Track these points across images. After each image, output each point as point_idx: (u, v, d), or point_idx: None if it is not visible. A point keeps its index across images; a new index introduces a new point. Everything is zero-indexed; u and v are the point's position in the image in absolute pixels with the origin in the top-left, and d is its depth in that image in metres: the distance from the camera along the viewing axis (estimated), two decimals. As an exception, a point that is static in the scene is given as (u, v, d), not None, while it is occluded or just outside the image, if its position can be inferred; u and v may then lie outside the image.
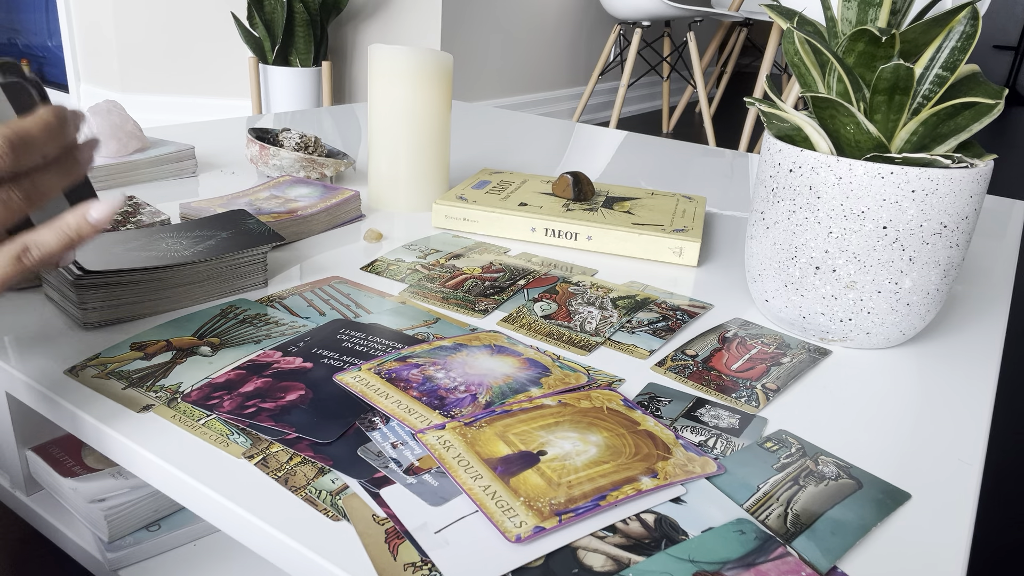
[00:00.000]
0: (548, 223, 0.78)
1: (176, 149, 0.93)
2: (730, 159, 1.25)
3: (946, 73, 0.54)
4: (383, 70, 0.82)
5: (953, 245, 0.56)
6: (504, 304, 0.64)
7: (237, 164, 1.00)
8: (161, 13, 2.57)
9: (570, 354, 0.57)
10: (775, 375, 0.55)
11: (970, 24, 0.53)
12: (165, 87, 2.64)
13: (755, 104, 0.62)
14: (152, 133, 1.06)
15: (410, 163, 0.85)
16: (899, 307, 0.57)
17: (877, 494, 0.43)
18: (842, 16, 0.57)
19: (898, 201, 0.54)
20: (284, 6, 2.34)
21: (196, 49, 2.61)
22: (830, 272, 0.57)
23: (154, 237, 0.62)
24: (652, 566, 0.37)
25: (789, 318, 0.61)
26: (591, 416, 0.47)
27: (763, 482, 0.43)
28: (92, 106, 0.89)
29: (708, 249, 0.81)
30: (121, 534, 0.62)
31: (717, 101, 3.42)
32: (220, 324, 0.57)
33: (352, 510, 0.39)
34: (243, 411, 0.46)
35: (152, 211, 0.74)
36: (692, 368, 0.56)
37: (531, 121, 1.43)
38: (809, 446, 0.47)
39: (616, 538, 0.38)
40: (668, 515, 0.40)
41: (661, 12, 2.74)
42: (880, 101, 0.54)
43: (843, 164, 0.55)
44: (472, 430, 0.45)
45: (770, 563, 0.37)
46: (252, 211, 0.75)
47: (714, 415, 0.50)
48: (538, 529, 0.38)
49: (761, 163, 0.62)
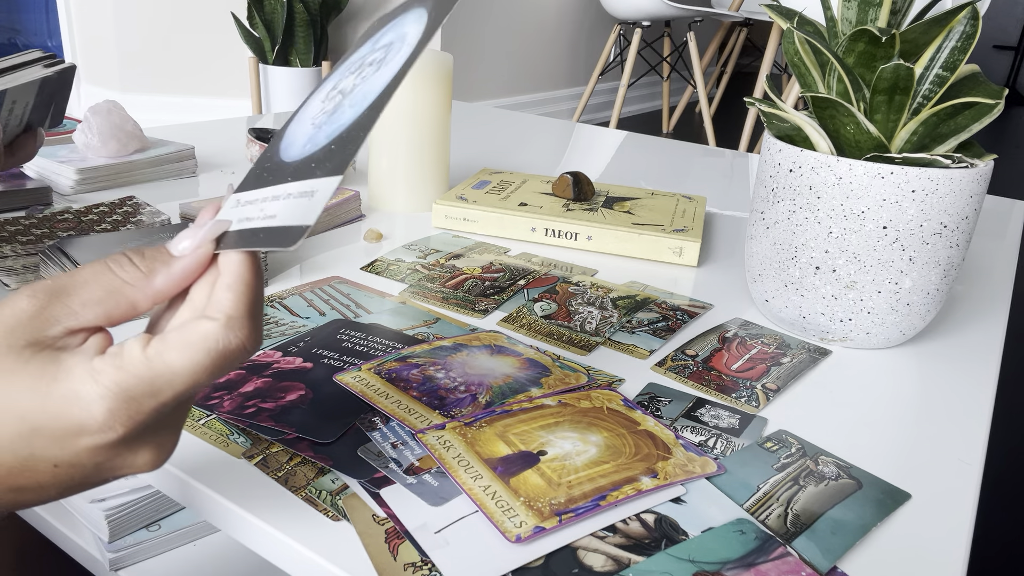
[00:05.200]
0: (548, 223, 0.78)
1: (176, 149, 0.93)
2: (730, 159, 1.24)
3: (946, 73, 0.54)
4: (383, 70, 0.82)
5: (953, 245, 0.56)
6: (504, 304, 0.64)
7: (237, 164, 1.00)
8: (161, 13, 2.57)
9: (570, 354, 0.57)
10: (775, 375, 0.55)
11: (970, 24, 0.53)
12: (165, 87, 2.64)
13: (755, 104, 0.62)
14: (152, 133, 1.06)
15: (410, 163, 0.85)
16: (899, 307, 0.57)
17: (877, 494, 0.43)
18: (842, 16, 0.57)
19: (898, 201, 0.54)
20: (284, 6, 2.34)
21: (196, 49, 2.61)
22: (830, 272, 0.57)
23: (154, 237, 0.62)
24: (652, 566, 0.37)
25: (789, 318, 0.61)
26: (591, 416, 0.47)
27: (763, 482, 0.43)
28: (92, 106, 0.89)
29: (708, 249, 0.81)
30: (121, 534, 0.62)
31: (717, 101, 3.42)
32: (220, 324, 0.57)
33: (352, 510, 0.39)
34: (243, 411, 0.46)
35: (152, 211, 0.74)
36: (692, 368, 0.56)
37: (531, 121, 1.43)
38: (809, 446, 0.47)
39: (616, 538, 0.38)
40: (668, 515, 0.40)
41: (661, 12, 2.74)
42: (880, 101, 0.54)
43: (843, 164, 0.55)
44: (472, 430, 0.45)
45: (770, 563, 0.37)
46: (252, 211, 0.75)
47: (714, 415, 0.50)
48: (538, 529, 0.38)
49: (761, 163, 0.62)
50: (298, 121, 0.35)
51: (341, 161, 0.30)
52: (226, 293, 0.30)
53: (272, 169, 0.33)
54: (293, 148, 0.33)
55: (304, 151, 0.32)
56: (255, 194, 0.32)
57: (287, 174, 0.32)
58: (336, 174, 0.30)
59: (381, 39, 0.35)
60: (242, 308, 0.29)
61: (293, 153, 0.33)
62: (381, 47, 0.34)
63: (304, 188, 0.30)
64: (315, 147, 0.32)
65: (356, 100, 0.32)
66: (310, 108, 0.35)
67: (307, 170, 0.31)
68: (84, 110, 0.91)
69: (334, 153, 0.31)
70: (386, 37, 0.35)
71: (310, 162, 0.31)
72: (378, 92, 0.31)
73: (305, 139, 0.33)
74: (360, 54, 0.36)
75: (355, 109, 0.31)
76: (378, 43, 0.35)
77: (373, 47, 0.35)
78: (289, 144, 0.34)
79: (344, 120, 0.31)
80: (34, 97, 0.56)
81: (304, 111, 0.35)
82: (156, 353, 0.28)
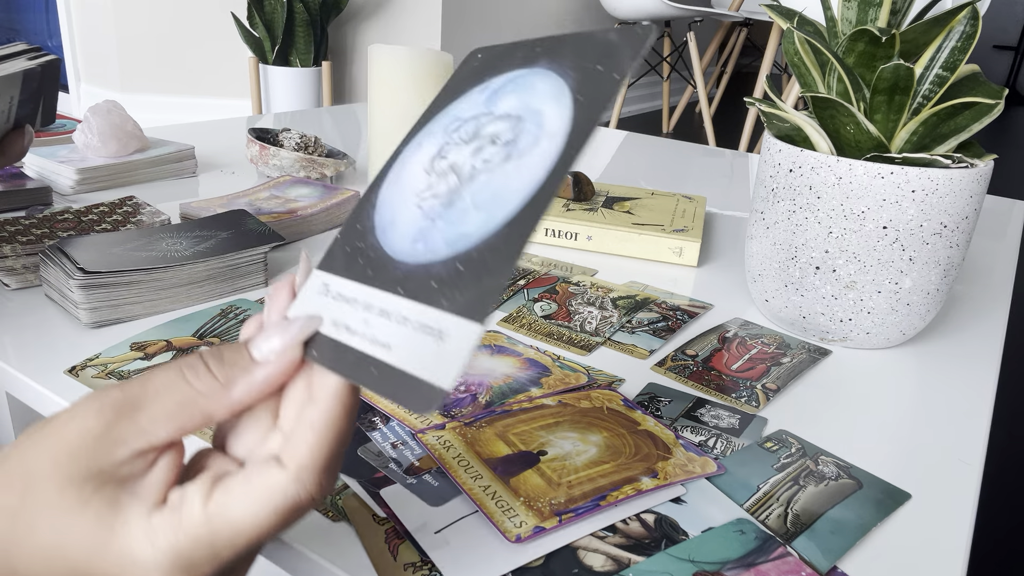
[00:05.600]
0: (548, 223, 0.78)
1: (176, 149, 0.93)
2: (730, 159, 1.24)
3: (946, 73, 0.54)
4: (383, 70, 0.82)
5: (953, 245, 0.56)
6: (504, 304, 0.64)
7: (237, 164, 1.00)
8: (161, 13, 2.57)
9: (570, 354, 0.57)
10: (775, 375, 0.55)
11: (970, 24, 0.53)
12: (165, 87, 2.64)
13: (755, 104, 0.62)
14: (152, 133, 1.06)
15: (410, 163, 0.85)
16: (899, 307, 0.57)
17: (877, 494, 0.43)
18: (842, 16, 0.57)
19: (898, 201, 0.54)
20: (284, 6, 2.34)
21: (196, 49, 2.61)
22: (830, 272, 0.57)
23: (154, 237, 0.62)
24: (652, 566, 0.37)
25: (789, 318, 0.61)
26: (591, 416, 0.47)
27: (763, 482, 0.43)
28: (92, 106, 0.89)
29: (708, 249, 0.81)
30: (121, 534, 0.62)
31: (717, 101, 3.42)
32: (220, 324, 0.57)
33: (352, 510, 0.39)
34: (243, 411, 0.46)
35: (152, 211, 0.74)
36: (692, 368, 0.56)
37: (531, 121, 1.43)
38: (809, 446, 0.47)
39: (616, 538, 0.38)
40: (668, 515, 0.40)
41: (661, 12, 2.74)
42: (880, 101, 0.54)
43: (843, 164, 0.55)
44: (472, 430, 0.45)
45: (770, 563, 0.37)
46: (252, 211, 0.75)
47: (714, 415, 0.50)
48: (538, 529, 0.38)
49: (761, 163, 0.62)
50: (396, 187, 0.29)
51: (478, 299, 0.24)
52: (307, 435, 0.26)
53: (372, 258, 0.27)
54: (397, 236, 0.27)
55: (416, 251, 0.26)
56: (352, 289, 0.27)
57: (395, 279, 0.26)
58: (472, 317, 0.24)
59: (499, 100, 0.29)
60: (320, 459, 0.26)
61: (399, 246, 0.27)
62: (503, 116, 0.28)
63: (427, 320, 0.25)
64: (432, 254, 0.26)
65: (483, 199, 0.26)
66: (410, 175, 0.29)
67: (426, 289, 0.25)
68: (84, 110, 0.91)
69: (465, 280, 0.25)
70: (507, 101, 0.29)
71: (429, 278, 0.25)
72: (517, 205, 0.25)
73: (414, 230, 0.27)
74: (470, 107, 0.30)
75: (484, 216, 0.26)
76: (496, 105, 0.29)
77: (489, 108, 0.29)
78: (390, 223, 0.28)
79: (470, 229, 0.26)
80: (18, 91, 0.55)
81: (401, 174, 0.29)
82: (218, 510, 0.25)
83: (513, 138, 0.27)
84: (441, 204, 0.27)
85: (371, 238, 0.28)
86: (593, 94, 0.26)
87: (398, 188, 0.29)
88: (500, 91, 0.30)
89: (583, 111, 0.26)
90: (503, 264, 0.24)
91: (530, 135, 0.27)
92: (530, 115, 0.27)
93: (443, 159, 0.28)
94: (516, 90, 0.29)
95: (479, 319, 0.23)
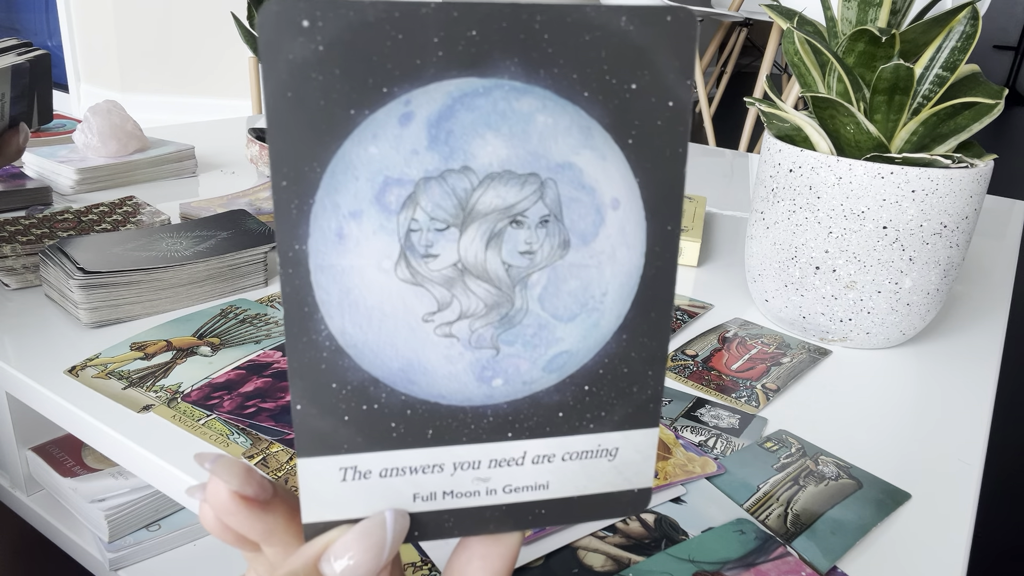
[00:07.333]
0: (548, 223, 0.78)
1: (176, 149, 0.93)
2: (730, 159, 1.24)
3: (946, 73, 0.54)
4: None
5: (953, 245, 0.56)
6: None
7: (237, 164, 1.00)
8: (161, 13, 2.57)
9: (570, 354, 0.57)
10: (775, 375, 0.55)
11: (970, 24, 0.53)
12: (165, 87, 2.64)
13: (755, 104, 0.62)
14: (152, 133, 1.06)
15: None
16: (899, 307, 0.57)
17: (877, 494, 0.43)
18: (842, 16, 0.57)
19: (898, 201, 0.54)
20: (284, 6, 2.34)
21: (196, 49, 2.61)
22: (830, 272, 0.57)
23: (154, 237, 0.62)
24: (652, 566, 0.37)
25: (789, 318, 0.61)
26: (591, 416, 0.47)
27: (763, 482, 0.43)
28: (92, 106, 0.89)
29: (708, 249, 0.81)
30: (121, 534, 0.62)
31: (717, 101, 3.42)
32: (220, 324, 0.57)
33: (352, 510, 0.39)
34: (243, 411, 0.46)
35: (152, 211, 0.74)
36: (692, 368, 0.56)
37: (531, 121, 1.43)
38: (809, 446, 0.47)
39: (616, 538, 0.38)
40: (668, 515, 0.40)
41: (661, 12, 2.73)
42: (880, 101, 0.54)
43: (843, 164, 0.55)
44: (472, 430, 0.45)
45: (770, 563, 0.37)
46: (252, 211, 0.75)
47: (714, 415, 0.50)
48: (538, 529, 0.38)
49: (761, 163, 0.62)
50: (368, 317, 0.20)
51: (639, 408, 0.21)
52: None
53: (422, 415, 0.21)
54: (442, 379, 0.20)
55: (495, 390, 0.21)
56: (412, 457, 0.21)
57: (486, 428, 0.21)
58: (643, 426, 0.21)
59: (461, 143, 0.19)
60: None
61: (456, 391, 0.21)
62: (501, 176, 0.19)
63: (582, 447, 0.21)
64: (529, 386, 0.21)
65: (564, 307, 0.20)
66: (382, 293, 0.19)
67: (552, 422, 0.21)
68: (84, 110, 0.91)
69: (605, 398, 0.21)
70: (483, 147, 0.19)
71: (544, 410, 0.21)
72: (621, 303, 0.20)
73: (470, 368, 0.20)
74: (398, 156, 0.18)
75: (581, 329, 0.20)
76: (459, 154, 0.19)
77: (449, 161, 0.19)
78: (409, 367, 0.20)
79: (569, 346, 0.21)
80: (9, 87, 0.55)
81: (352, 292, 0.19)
82: None
83: (553, 214, 0.19)
84: (493, 325, 0.20)
85: (394, 396, 0.20)
86: (647, 132, 0.19)
87: (378, 317, 0.19)
88: (448, 123, 0.18)
89: (648, 165, 0.19)
90: (645, 367, 0.20)
91: (581, 206, 0.19)
92: (554, 172, 0.19)
93: (433, 258, 0.19)
94: (490, 125, 0.19)
95: (652, 424, 0.21)
